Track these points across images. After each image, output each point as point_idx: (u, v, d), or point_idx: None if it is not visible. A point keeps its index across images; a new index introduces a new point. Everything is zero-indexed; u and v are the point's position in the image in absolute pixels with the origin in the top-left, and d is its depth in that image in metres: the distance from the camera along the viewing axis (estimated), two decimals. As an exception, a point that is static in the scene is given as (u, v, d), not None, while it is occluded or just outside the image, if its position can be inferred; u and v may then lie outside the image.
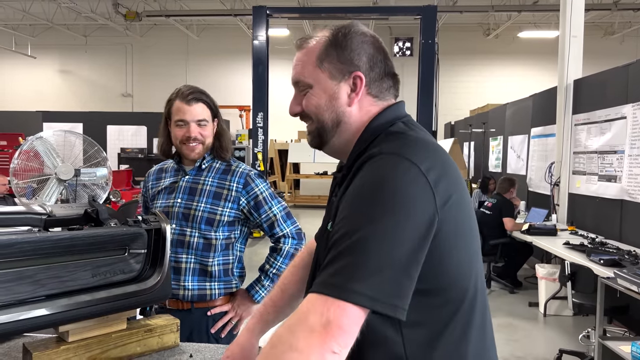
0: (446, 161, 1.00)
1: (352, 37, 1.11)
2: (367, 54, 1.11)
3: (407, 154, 0.95)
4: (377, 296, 0.85)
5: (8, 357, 1.49)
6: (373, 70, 1.11)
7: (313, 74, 1.11)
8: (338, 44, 1.10)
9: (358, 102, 1.10)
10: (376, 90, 1.12)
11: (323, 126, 1.12)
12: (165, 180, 2.10)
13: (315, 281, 0.90)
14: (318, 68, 1.10)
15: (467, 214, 1.01)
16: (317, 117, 1.11)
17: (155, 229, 1.50)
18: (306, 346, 0.82)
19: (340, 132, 1.11)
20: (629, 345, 2.65)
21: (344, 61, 1.09)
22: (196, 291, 1.96)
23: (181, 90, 2.02)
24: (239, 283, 2.07)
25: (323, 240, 1.09)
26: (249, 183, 2.01)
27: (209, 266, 1.97)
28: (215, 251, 1.97)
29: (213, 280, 1.98)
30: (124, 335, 1.47)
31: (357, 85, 1.09)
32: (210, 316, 2.00)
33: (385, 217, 0.89)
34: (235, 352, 1.38)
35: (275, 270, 2.03)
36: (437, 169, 0.95)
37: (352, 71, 1.09)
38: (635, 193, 4.72)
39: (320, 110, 1.11)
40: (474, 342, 1.00)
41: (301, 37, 1.16)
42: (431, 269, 0.94)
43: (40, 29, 16.48)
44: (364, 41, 1.11)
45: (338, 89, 1.10)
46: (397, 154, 0.95)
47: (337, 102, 1.10)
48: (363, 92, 1.10)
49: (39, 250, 1.26)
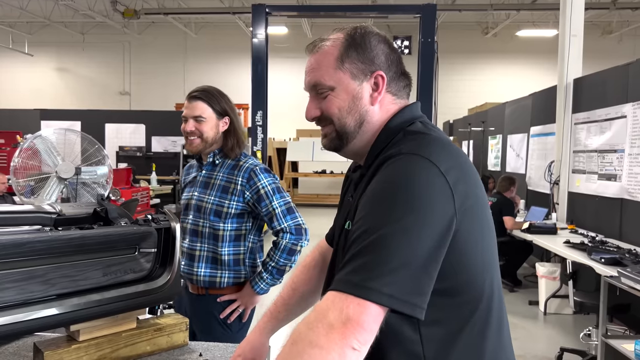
0: (465, 162, 1.00)
1: (369, 37, 1.11)
2: (385, 53, 1.11)
3: (427, 154, 0.95)
4: (396, 295, 0.86)
5: (18, 356, 1.48)
6: (391, 69, 1.12)
7: (334, 75, 1.10)
8: (357, 44, 1.10)
9: (380, 101, 1.11)
10: (395, 88, 1.13)
11: (345, 128, 1.11)
12: (190, 175, 2.30)
13: (335, 278, 0.91)
14: (339, 69, 1.10)
15: (485, 215, 1.01)
16: (339, 119, 1.11)
17: (164, 228, 1.50)
18: (327, 342, 0.83)
19: (363, 132, 1.11)
20: (632, 344, 2.66)
21: (365, 61, 1.10)
22: (207, 277, 2.13)
23: (193, 89, 2.21)
24: (249, 273, 2.17)
25: (342, 239, 1.09)
26: (252, 177, 2.11)
27: (220, 255, 2.11)
28: (223, 241, 2.11)
29: (223, 269, 2.12)
30: (134, 334, 1.47)
31: (379, 84, 1.10)
32: (219, 303, 2.13)
33: (406, 216, 0.89)
34: (247, 350, 1.39)
35: (273, 264, 2.11)
36: (456, 169, 0.96)
37: (374, 70, 1.10)
38: (635, 192, 4.73)
39: (343, 112, 1.11)
40: (491, 342, 1.01)
41: (312, 41, 1.16)
42: (450, 269, 0.94)
43: (38, 27, 16.40)
44: (379, 41, 1.12)
45: (361, 89, 1.10)
46: (417, 154, 0.96)
47: (361, 102, 1.10)
48: (384, 91, 1.11)
49: (51, 250, 1.25)
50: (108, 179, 5.01)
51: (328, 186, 14.41)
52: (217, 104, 2.15)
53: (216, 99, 2.16)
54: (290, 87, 16.34)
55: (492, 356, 1.01)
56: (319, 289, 1.44)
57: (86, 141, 5.02)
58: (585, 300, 3.66)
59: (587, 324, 4.31)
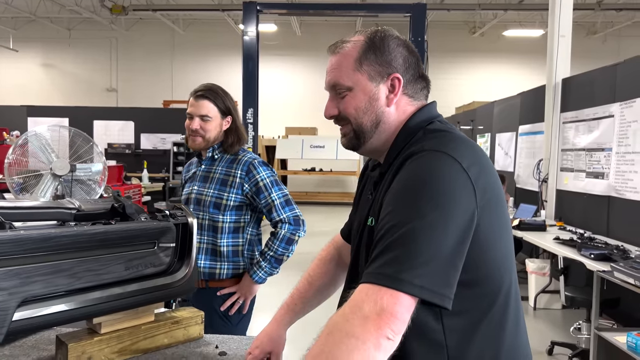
0: (484, 158, 1.05)
1: (389, 40, 1.15)
2: (403, 56, 1.15)
3: (450, 151, 1.00)
4: (426, 286, 0.90)
5: (37, 349, 1.51)
6: (408, 72, 1.16)
7: (352, 76, 1.14)
8: (376, 47, 1.14)
9: (396, 103, 1.15)
10: (411, 90, 1.17)
11: (361, 128, 1.16)
12: (191, 171, 2.36)
13: (366, 272, 0.95)
14: (357, 71, 1.14)
15: (503, 210, 1.06)
16: (356, 119, 1.15)
17: (182, 223, 1.53)
18: (362, 332, 0.87)
19: (379, 132, 1.15)
20: (624, 336, 2.75)
21: (382, 63, 1.14)
22: (207, 269, 2.19)
23: (197, 87, 2.24)
24: (247, 265, 2.23)
25: (364, 234, 1.14)
26: (250, 170, 2.17)
27: (219, 247, 2.17)
28: (222, 233, 2.17)
29: (222, 260, 2.18)
30: (152, 327, 1.50)
31: (395, 86, 1.14)
32: (220, 296, 2.19)
33: (432, 211, 0.94)
34: (264, 341, 1.43)
35: (272, 253, 2.17)
36: (477, 166, 1.01)
37: (391, 73, 1.14)
38: (622, 189, 4.85)
39: (359, 112, 1.15)
40: (510, 333, 1.06)
41: (334, 43, 1.20)
42: (471, 262, 0.99)
43: (23, 22, 16.20)
44: (398, 44, 1.16)
45: (377, 91, 1.14)
46: (440, 150, 1.00)
47: (377, 103, 1.14)
48: (400, 93, 1.15)
49: (76, 244, 1.28)
50: (102, 176, 5.00)
51: (317, 184, 14.46)
52: (222, 103, 2.20)
53: (221, 97, 2.21)
54: (279, 84, 16.35)
55: (510, 347, 1.06)
56: (334, 282, 1.49)
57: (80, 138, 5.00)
58: (576, 294, 3.76)
59: (576, 318, 4.42)
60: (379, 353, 0.87)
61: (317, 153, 13.50)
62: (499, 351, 1.04)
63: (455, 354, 1.02)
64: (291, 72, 16.67)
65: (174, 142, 10.65)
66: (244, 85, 8.89)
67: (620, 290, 3.31)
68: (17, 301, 1.17)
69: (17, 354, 1.47)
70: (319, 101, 10.77)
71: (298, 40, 16.45)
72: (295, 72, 16.71)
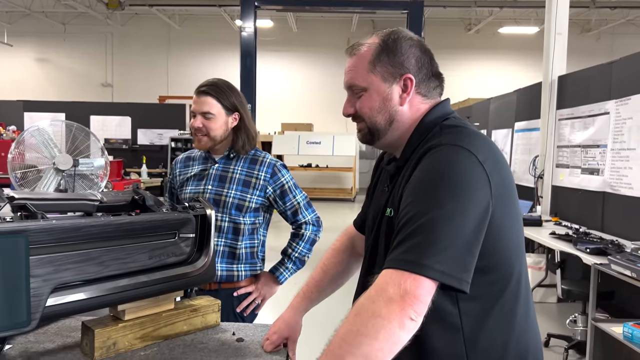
0: (498, 153, 1.12)
1: (401, 41, 1.21)
2: (415, 56, 1.21)
3: (466, 145, 1.06)
4: (447, 270, 0.97)
5: (60, 336, 1.56)
6: (421, 72, 1.22)
7: (367, 78, 1.21)
8: (389, 49, 1.20)
9: (409, 102, 1.21)
10: (424, 89, 1.23)
11: (375, 126, 1.22)
12: (194, 168, 2.20)
13: (389, 258, 1.01)
14: (371, 72, 1.20)
15: (515, 202, 1.13)
16: (370, 118, 1.22)
17: (201, 215, 1.59)
18: (387, 313, 0.94)
19: (393, 129, 1.22)
20: (620, 327, 2.84)
21: (395, 65, 1.20)
22: (224, 272, 2.10)
23: (202, 82, 2.12)
24: (262, 266, 2.21)
25: (383, 224, 1.20)
26: (275, 173, 2.13)
27: (237, 249, 2.10)
28: (242, 235, 2.10)
29: (240, 263, 2.12)
30: (172, 315, 1.56)
31: (408, 86, 1.20)
32: (236, 297, 2.13)
33: (450, 201, 1.01)
34: (282, 327, 1.49)
35: (297, 254, 2.17)
36: (492, 159, 1.07)
37: (403, 74, 1.20)
38: (617, 185, 4.94)
39: (373, 112, 1.21)
40: (521, 318, 1.13)
41: (351, 45, 1.26)
42: (486, 249, 1.06)
43: (17, 16, 16.14)
44: (411, 45, 1.22)
45: (391, 91, 1.20)
46: (457, 144, 1.07)
47: (390, 103, 1.20)
48: (413, 92, 1.21)
49: (103, 233, 1.34)
50: (105, 171, 5.04)
51: (313, 180, 14.52)
52: (226, 99, 2.08)
53: (225, 93, 2.08)
54: (275, 80, 16.39)
55: (521, 330, 1.14)
56: (347, 271, 1.56)
57: (82, 133, 5.04)
58: (572, 288, 3.84)
59: (571, 311, 4.51)
60: (403, 332, 0.94)
61: (314, 149, 13.56)
62: (511, 334, 1.11)
63: (470, 336, 1.08)
64: (287, 68, 16.72)
65: (172, 138, 10.67)
66: (242, 81, 8.92)
67: (615, 283, 3.40)
68: (50, 287, 1.22)
69: (42, 340, 1.52)
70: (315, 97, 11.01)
71: (294, 37, 16.49)
72: (291, 68, 16.76)
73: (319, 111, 16.31)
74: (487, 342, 1.09)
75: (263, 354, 1.48)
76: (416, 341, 1.00)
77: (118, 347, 1.43)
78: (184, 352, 1.46)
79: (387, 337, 0.93)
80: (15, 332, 1.18)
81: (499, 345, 1.10)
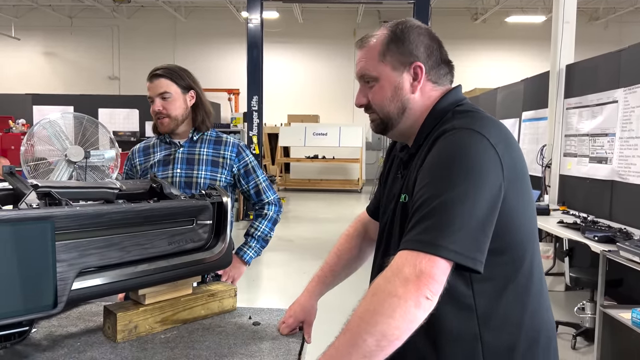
0: (510, 137, 1.14)
1: (409, 30, 1.24)
2: (424, 44, 1.24)
3: (479, 128, 1.09)
4: (461, 251, 1.00)
5: (82, 320, 1.61)
6: (430, 59, 1.24)
7: (377, 68, 1.24)
8: (397, 38, 1.23)
9: (420, 89, 1.24)
10: (435, 76, 1.25)
11: (388, 115, 1.25)
12: (156, 155, 2.22)
13: (404, 239, 1.05)
14: (381, 62, 1.23)
15: (527, 184, 1.15)
16: (382, 108, 1.25)
17: (217, 202, 1.63)
18: (404, 293, 0.97)
19: (405, 117, 1.25)
20: (629, 313, 2.86)
21: (404, 53, 1.22)
22: None
23: (153, 68, 2.18)
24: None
25: (397, 210, 1.23)
26: (240, 152, 2.23)
27: None
28: None
29: None
30: (191, 299, 1.60)
31: (418, 74, 1.23)
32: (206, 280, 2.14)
33: (464, 183, 1.04)
34: (297, 311, 1.53)
35: (259, 233, 2.24)
36: (504, 142, 1.10)
37: (412, 62, 1.22)
38: (625, 174, 4.94)
39: (385, 101, 1.24)
40: (534, 297, 1.16)
41: (361, 38, 1.29)
42: (499, 231, 1.08)
43: (24, 10, 16.19)
44: (419, 33, 1.24)
45: (401, 79, 1.23)
46: (470, 128, 1.10)
47: (402, 92, 1.23)
48: (424, 80, 1.23)
49: (125, 220, 1.38)
50: (116, 162, 5.09)
51: (320, 171, 14.54)
52: (180, 79, 2.14)
53: (178, 74, 2.15)
54: (281, 72, 16.38)
55: (534, 311, 1.16)
56: (360, 256, 1.59)
57: (93, 125, 5.09)
58: (581, 275, 3.87)
59: (579, 299, 4.53)
60: (419, 311, 0.97)
61: (320, 140, 13.58)
62: (524, 314, 1.14)
63: (484, 316, 1.12)
64: (293, 60, 16.69)
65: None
66: (249, 73, 8.95)
67: (623, 270, 3.42)
68: (75, 272, 1.26)
69: (65, 324, 1.57)
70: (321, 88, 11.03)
71: (300, 28, 16.45)
72: (297, 60, 16.73)
73: (325, 102, 16.31)
74: (500, 322, 1.12)
75: (279, 337, 1.52)
76: (430, 321, 1.03)
77: (139, 330, 1.47)
78: (203, 335, 1.51)
79: (403, 315, 0.96)
80: (43, 314, 1.23)
81: (512, 324, 1.13)
